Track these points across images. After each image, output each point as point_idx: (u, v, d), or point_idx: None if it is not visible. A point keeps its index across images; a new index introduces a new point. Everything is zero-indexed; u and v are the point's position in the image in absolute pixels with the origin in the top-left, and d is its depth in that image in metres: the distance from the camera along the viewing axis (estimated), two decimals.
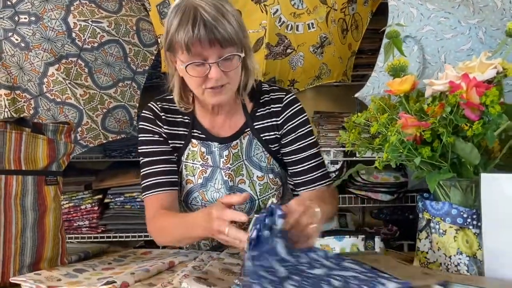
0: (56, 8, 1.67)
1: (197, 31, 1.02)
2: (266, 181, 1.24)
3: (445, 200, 1.03)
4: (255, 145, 1.23)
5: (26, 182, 1.08)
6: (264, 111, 1.25)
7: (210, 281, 0.85)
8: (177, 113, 1.24)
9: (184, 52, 1.06)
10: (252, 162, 1.23)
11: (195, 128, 1.24)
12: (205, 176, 1.22)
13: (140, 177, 1.24)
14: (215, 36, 1.03)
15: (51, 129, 1.17)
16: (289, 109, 1.24)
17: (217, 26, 1.03)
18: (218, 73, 1.07)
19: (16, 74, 1.66)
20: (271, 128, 1.24)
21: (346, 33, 1.90)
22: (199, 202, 1.23)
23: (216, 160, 1.22)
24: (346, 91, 2.29)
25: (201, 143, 1.22)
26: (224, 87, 1.11)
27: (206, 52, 1.05)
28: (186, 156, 1.23)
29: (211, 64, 1.06)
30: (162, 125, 1.23)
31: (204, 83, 1.09)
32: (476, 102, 0.92)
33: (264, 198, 1.23)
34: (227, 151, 1.22)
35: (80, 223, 2.10)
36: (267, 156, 1.24)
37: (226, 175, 1.21)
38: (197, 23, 1.02)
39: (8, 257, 1.04)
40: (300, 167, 1.24)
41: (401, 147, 0.96)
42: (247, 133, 1.24)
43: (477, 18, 1.36)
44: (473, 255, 1.00)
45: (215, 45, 1.04)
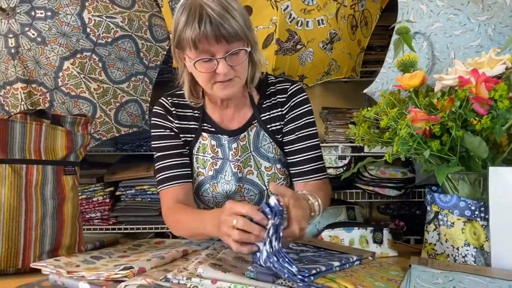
0: (72, 3, 1.70)
1: (204, 28, 1.05)
2: (274, 171, 1.26)
3: (453, 193, 1.06)
4: (262, 136, 1.26)
5: (46, 172, 1.12)
6: (270, 102, 1.27)
7: (224, 267, 0.88)
8: (187, 108, 1.27)
9: (192, 49, 1.08)
10: (260, 153, 1.26)
11: (205, 122, 1.27)
12: (216, 168, 1.25)
13: (153, 171, 1.27)
14: (221, 32, 1.05)
15: (69, 121, 1.20)
16: (293, 98, 1.26)
17: (222, 22, 1.05)
18: (225, 68, 1.09)
19: (32, 68, 1.70)
20: (277, 118, 1.27)
21: (355, 30, 1.92)
22: (210, 193, 1.26)
23: (226, 153, 1.25)
24: (354, 87, 2.31)
25: (211, 136, 1.25)
26: (232, 80, 1.13)
27: (213, 48, 1.08)
28: (196, 149, 1.26)
29: (219, 59, 1.09)
30: (173, 119, 1.26)
31: (212, 78, 1.12)
32: (485, 97, 0.94)
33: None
34: (236, 144, 1.24)
35: (92, 215, 2.14)
36: (274, 146, 1.27)
37: (235, 167, 1.24)
38: (203, 20, 1.05)
39: (29, 244, 1.08)
40: (297, 158, 1.25)
41: (410, 141, 0.98)
42: (254, 124, 1.26)
43: (486, 15, 1.37)
44: (480, 247, 1.02)
45: (222, 41, 1.06)
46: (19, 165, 1.09)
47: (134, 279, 0.87)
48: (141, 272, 0.92)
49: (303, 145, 1.25)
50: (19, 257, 1.07)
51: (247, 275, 0.83)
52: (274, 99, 1.27)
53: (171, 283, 0.84)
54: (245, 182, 1.25)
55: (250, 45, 1.14)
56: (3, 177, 1.06)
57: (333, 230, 1.20)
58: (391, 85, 1.45)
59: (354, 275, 0.88)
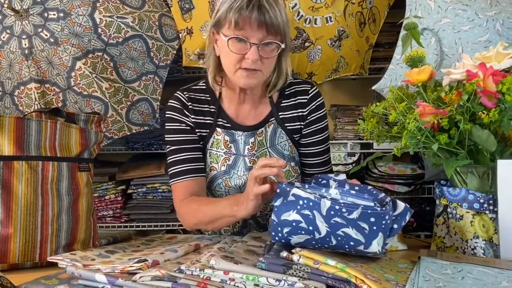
0: (83, 4, 1.73)
1: (251, 10, 1.10)
2: (288, 168, 1.29)
3: (462, 186, 1.07)
4: (279, 134, 1.29)
5: (61, 168, 1.15)
6: (289, 103, 1.31)
7: (236, 259, 0.90)
8: (203, 103, 1.30)
9: (231, 27, 1.13)
10: (276, 149, 1.29)
11: (220, 117, 1.29)
12: (229, 164, 1.27)
13: (166, 164, 1.29)
14: (265, 19, 1.10)
15: (83, 119, 1.23)
16: (314, 101, 1.31)
17: (269, 10, 1.10)
18: (255, 54, 1.13)
19: (45, 69, 1.73)
20: (296, 118, 1.30)
21: (363, 27, 1.93)
22: (222, 188, 1.29)
23: (240, 148, 1.27)
24: (363, 84, 2.32)
25: (225, 131, 1.27)
26: (256, 72, 1.17)
27: (252, 32, 1.12)
28: (210, 144, 1.29)
29: (252, 44, 1.13)
30: (189, 114, 1.28)
31: (239, 62, 1.15)
32: (493, 90, 0.95)
33: None
34: (253, 139, 1.27)
35: (105, 213, 2.18)
36: (290, 145, 1.30)
37: (251, 162, 1.27)
38: (252, 3, 1.10)
39: (46, 239, 1.10)
40: (312, 160, 1.32)
41: (419, 134, 0.99)
42: (271, 122, 1.29)
43: (494, 10, 1.38)
44: (489, 239, 1.03)
45: (262, 28, 1.11)
46: (35, 162, 1.12)
47: (148, 271, 0.89)
48: (154, 264, 0.94)
49: (320, 149, 1.32)
50: (36, 251, 1.09)
51: (259, 266, 0.85)
52: (294, 100, 1.31)
53: (184, 274, 0.86)
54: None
55: (284, 45, 1.17)
56: (20, 174, 1.09)
57: None
58: (400, 81, 1.46)
59: (364, 266, 0.90)
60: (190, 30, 1.86)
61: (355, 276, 0.81)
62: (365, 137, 1.20)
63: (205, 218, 1.17)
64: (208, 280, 0.84)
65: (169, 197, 2.20)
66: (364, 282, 0.80)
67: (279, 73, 1.26)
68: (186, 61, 1.92)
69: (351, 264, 0.86)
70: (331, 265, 0.84)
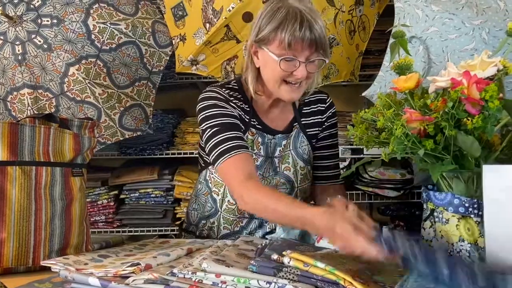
0: (77, 11, 1.75)
1: (304, 31, 1.16)
2: (306, 172, 1.37)
3: (448, 190, 1.09)
4: (301, 139, 1.37)
5: (55, 173, 1.16)
6: (309, 110, 1.40)
7: (228, 263, 0.92)
8: (238, 100, 1.31)
9: (283, 46, 1.17)
10: (298, 153, 1.36)
11: (253, 118, 1.33)
12: (256, 164, 1.31)
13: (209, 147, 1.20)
14: (315, 38, 1.17)
15: (77, 124, 1.25)
16: (331, 109, 1.43)
17: (317, 29, 1.18)
18: (304, 72, 1.19)
19: (38, 74, 1.74)
20: (316, 124, 1.40)
21: (353, 34, 1.96)
22: None
23: (269, 151, 1.33)
24: (353, 90, 2.35)
25: (259, 133, 1.32)
26: (300, 86, 1.24)
27: (302, 51, 1.18)
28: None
29: (302, 62, 1.19)
30: (231, 107, 1.27)
31: (285, 77, 1.21)
32: (476, 97, 0.98)
33: (302, 187, 1.37)
34: (285, 141, 1.34)
35: (97, 218, 2.18)
36: (310, 149, 1.38)
37: (278, 161, 1.34)
38: (304, 25, 1.16)
39: (39, 243, 1.11)
40: (325, 163, 1.40)
41: (405, 140, 1.02)
42: (296, 126, 1.37)
43: (481, 19, 1.41)
44: (475, 242, 1.06)
45: (312, 46, 1.18)
46: (29, 167, 1.13)
47: (141, 274, 0.90)
48: (147, 268, 0.96)
49: (332, 153, 1.42)
50: (30, 256, 1.10)
51: (250, 269, 0.87)
52: (315, 107, 1.40)
53: (177, 278, 0.87)
54: (282, 176, 1.34)
55: (328, 57, 1.24)
56: (14, 179, 1.10)
57: None
58: (389, 88, 1.49)
59: (353, 269, 0.92)
60: (183, 37, 1.88)
61: (343, 278, 0.83)
62: (354, 143, 1.23)
63: (270, 219, 1.17)
64: (200, 283, 0.86)
65: (162, 202, 2.21)
66: (352, 284, 0.82)
67: (312, 82, 1.32)
68: (179, 67, 1.94)
69: (340, 267, 0.88)
70: (320, 268, 0.86)
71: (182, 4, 1.88)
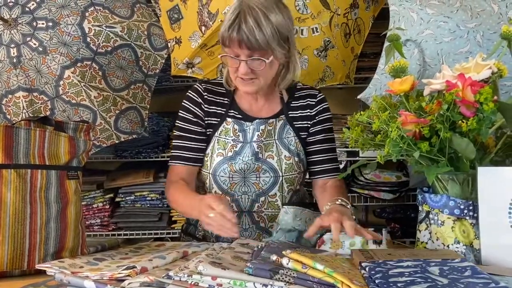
0: (72, 14, 1.75)
1: (231, 32, 1.22)
2: (292, 162, 1.38)
3: (443, 192, 1.10)
4: (287, 130, 1.40)
5: (50, 176, 1.15)
6: (298, 104, 1.43)
7: (224, 265, 0.92)
8: (217, 95, 1.42)
9: (223, 44, 1.28)
10: (283, 142, 1.39)
11: (232, 109, 1.41)
12: (235, 150, 1.37)
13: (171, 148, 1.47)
14: (243, 39, 1.22)
15: (72, 127, 1.24)
16: (321, 104, 1.45)
17: (248, 33, 1.21)
18: (244, 69, 1.26)
19: (34, 77, 1.73)
20: (304, 117, 1.42)
21: (349, 37, 1.97)
22: (227, 173, 1.37)
23: (248, 137, 1.37)
24: (349, 93, 2.35)
25: (235, 121, 1.39)
26: (252, 80, 1.29)
27: (238, 50, 1.25)
28: (219, 132, 1.39)
29: (241, 60, 1.26)
30: (203, 103, 1.40)
31: (236, 73, 1.30)
32: (471, 100, 0.99)
33: (287, 176, 1.38)
34: (264, 126, 1.38)
35: (92, 221, 2.17)
36: (296, 141, 1.40)
37: (258, 147, 1.37)
38: (234, 26, 1.22)
39: (34, 246, 1.11)
40: (319, 157, 1.42)
41: (401, 142, 1.02)
42: (281, 118, 1.41)
43: (475, 22, 1.42)
44: (470, 244, 1.06)
45: (243, 47, 1.23)
46: (24, 170, 1.12)
47: (137, 277, 0.90)
48: (143, 271, 0.95)
49: (326, 147, 1.43)
50: (25, 259, 1.10)
51: (246, 271, 0.87)
52: (304, 101, 1.43)
53: (173, 280, 0.87)
54: (264, 163, 1.37)
55: (275, 55, 1.27)
56: (9, 182, 1.10)
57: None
58: (384, 91, 1.49)
59: (351, 272, 0.92)
60: (178, 40, 1.88)
61: (341, 281, 0.83)
62: (350, 145, 1.24)
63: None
64: (196, 286, 0.86)
65: (157, 205, 2.21)
66: (349, 287, 0.82)
67: (287, 70, 1.37)
68: (175, 70, 1.94)
69: (338, 269, 0.88)
70: (319, 270, 0.86)
71: (178, 7, 1.88)
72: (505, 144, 1.11)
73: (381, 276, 0.86)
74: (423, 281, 0.84)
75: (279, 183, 1.37)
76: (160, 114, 2.28)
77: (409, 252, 1.03)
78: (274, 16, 1.24)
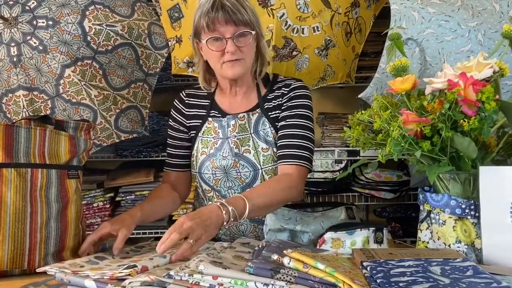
0: (73, 12, 1.74)
1: (215, 11, 1.26)
2: (270, 153, 1.39)
3: (445, 192, 1.10)
4: (263, 122, 1.41)
5: (50, 175, 1.15)
6: (273, 95, 1.44)
7: (224, 265, 0.91)
8: (198, 98, 1.48)
9: (205, 30, 1.30)
10: (259, 135, 1.40)
11: (213, 109, 1.45)
12: (216, 147, 1.41)
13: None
14: (230, 16, 1.26)
15: (72, 126, 1.24)
16: (294, 91, 1.42)
17: (232, 8, 1.26)
18: (233, 46, 1.28)
19: (34, 76, 1.73)
20: (277, 107, 1.42)
21: (349, 36, 1.97)
22: (210, 170, 1.41)
23: (226, 133, 1.41)
24: (349, 92, 2.35)
25: (214, 119, 1.44)
26: (239, 61, 1.32)
27: (223, 28, 1.28)
28: (202, 132, 1.45)
29: (227, 39, 1.28)
30: (185, 108, 1.48)
31: (221, 58, 1.31)
32: (473, 99, 0.98)
33: (266, 168, 1.38)
34: (234, 121, 1.41)
35: (92, 220, 2.17)
36: (273, 132, 1.40)
37: (233, 143, 1.39)
38: (215, 6, 1.26)
39: (34, 246, 1.11)
40: (283, 142, 1.37)
41: (402, 141, 1.02)
42: (257, 111, 1.43)
43: (476, 21, 1.42)
44: (471, 244, 1.06)
45: (230, 23, 1.27)
46: (24, 169, 1.12)
47: (137, 276, 0.90)
48: (144, 270, 0.95)
49: (292, 132, 1.36)
50: (25, 259, 1.09)
51: (247, 271, 0.86)
52: (278, 92, 1.44)
53: (173, 280, 0.87)
54: (241, 159, 1.38)
55: (256, 34, 1.33)
56: (9, 181, 1.10)
57: (336, 233, 1.22)
58: (385, 90, 1.49)
59: (352, 272, 0.92)
60: (179, 39, 1.88)
61: (342, 281, 0.83)
62: (351, 145, 1.23)
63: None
64: (197, 285, 0.85)
65: None
66: (351, 287, 0.82)
67: (262, 60, 1.41)
68: (175, 69, 1.93)
69: (340, 269, 0.88)
70: (320, 269, 0.85)
71: (178, 6, 1.88)
72: (507, 144, 1.10)
73: (382, 275, 0.86)
74: (424, 280, 0.83)
75: (260, 176, 1.39)
76: (160, 113, 2.28)
77: (411, 252, 1.03)
78: (248, 3, 1.33)
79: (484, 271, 0.88)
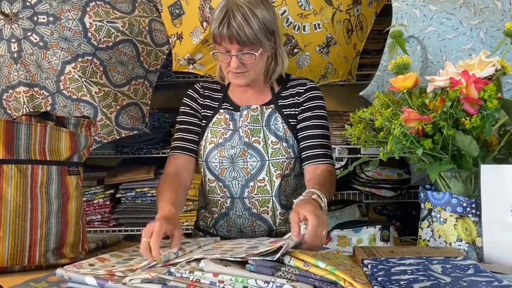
0: (73, 9, 1.74)
1: (221, 29, 1.29)
2: (279, 147, 1.41)
3: (446, 190, 1.09)
4: (275, 118, 1.45)
5: (51, 172, 1.15)
6: (288, 92, 1.48)
7: (225, 262, 0.91)
8: (212, 91, 1.52)
9: (214, 42, 1.35)
10: (270, 129, 1.43)
11: (225, 102, 1.49)
12: (225, 137, 1.43)
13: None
14: (233, 35, 1.29)
15: (73, 122, 1.24)
16: (310, 92, 1.47)
17: (237, 29, 1.28)
18: (236, 63, 1.33)
19: (34, 72, 1.73)
20: (292, 105, 1.46)
21: (351, 34, 1.96)
22: (217, 159, 1.42)
23: (237, 125, 1.43)
24: (351, 90, 2.35)
25: (226, 111, 1.47)
26: (243, 73, 1.37)
27: (229, 46, 1.32)
28: (213, 123, 1.47)
29: (232, 56, 1.33)
30: (199, 97, 1.51)
31: (228, 68, 1.36)
32: (475, 97, 0.98)
33: (274, 161, 1.40)
34: (247, 111, 1.43)
35: (93, 217, 2.16)
36: (285, 127, 1.44)
37: (243, 132, 1.42)
38: (223, 23, 1.29)
39: (35, 242, 1.11)
40: (307, 143, 1.42)
41: (404, 139, 1.02)
42: (270, 107, 1.46)
43: (478, 19, 1.42)
44: (472, 242, 1.06)
45: (234, 42, 1.30)
46: (25, 165, 1.12)
47: (138, 273, 0.90)
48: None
49: (315, 133, 1.43)
50: (25, 255, 1.09)
51: (248, 268, 0.86)
52: (293, 90, 1.48)
53: (174, 277, 0.87)
54: (250, 148, 1.41)
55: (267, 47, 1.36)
56: (9, 177, 1.09)
57: (342, 230, 1.21)
58: (386, 88, 1.49)
59: (353, 270, 0.92)
60: (180, 35, 1.87)
61: (343, 279, 0.83)
62: (352, 142, 1.23)
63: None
64: (197, 282, 0.85)
65: None
66: (352, 285, 0.81)
67: (276, 62, 1.45)
68: (176, 66, 1.93)
69: (340, 267, 0.88)
70: (321, 267, 0.85)
71: (179, 2, 1.87)
72: (508, 142, 1.10)
73: (383, 273, 0.86)
74: (425, 279, 0.83)
75: (266, 167, 1.40)
76: (161, 110, 2.27)
77: (411, 250, 1.03)
78: (260, 11, 1.31)
79: (485, 269, 0.88)
